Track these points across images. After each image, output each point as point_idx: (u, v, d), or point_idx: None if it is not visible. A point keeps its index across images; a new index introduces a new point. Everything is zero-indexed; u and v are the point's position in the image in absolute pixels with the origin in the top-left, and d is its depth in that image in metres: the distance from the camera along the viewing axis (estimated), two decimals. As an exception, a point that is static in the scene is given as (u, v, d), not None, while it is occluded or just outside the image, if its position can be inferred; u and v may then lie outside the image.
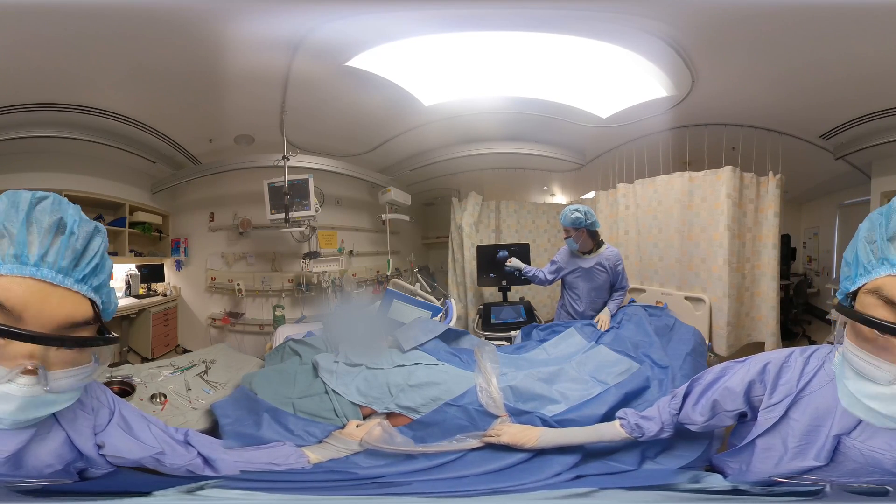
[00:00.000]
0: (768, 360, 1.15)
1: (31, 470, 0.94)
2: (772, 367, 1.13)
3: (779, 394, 1.10)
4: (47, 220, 0.83)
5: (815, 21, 1.86)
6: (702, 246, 2.71)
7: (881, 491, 0.96)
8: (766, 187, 2.69)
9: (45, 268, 0.80)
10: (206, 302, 3.06)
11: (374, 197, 3.21)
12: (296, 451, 1.37)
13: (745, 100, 2.52)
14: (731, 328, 2.61)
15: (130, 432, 1.08)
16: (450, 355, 1.97)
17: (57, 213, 0.84)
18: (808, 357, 1.10)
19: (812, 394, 1.06)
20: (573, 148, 3.21)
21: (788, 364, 1.12)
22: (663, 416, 1.32)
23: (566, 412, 1.61)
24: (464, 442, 1.46)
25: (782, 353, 1.14)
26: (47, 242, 0.81)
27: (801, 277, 3.33)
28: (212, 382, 2.09)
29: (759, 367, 1.15)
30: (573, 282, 2.64)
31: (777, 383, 1.11)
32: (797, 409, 1.07)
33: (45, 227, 0.82)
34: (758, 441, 1.13)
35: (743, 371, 1.18)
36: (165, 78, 2.24)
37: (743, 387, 1.16)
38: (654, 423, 1.32)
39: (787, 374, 1.10)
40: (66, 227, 0.84)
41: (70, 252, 0.84)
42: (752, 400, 1.16)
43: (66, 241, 0.83)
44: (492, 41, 2.24)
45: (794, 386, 1.08)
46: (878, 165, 2.63)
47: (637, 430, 1.34)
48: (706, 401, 1.23)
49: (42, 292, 0.79)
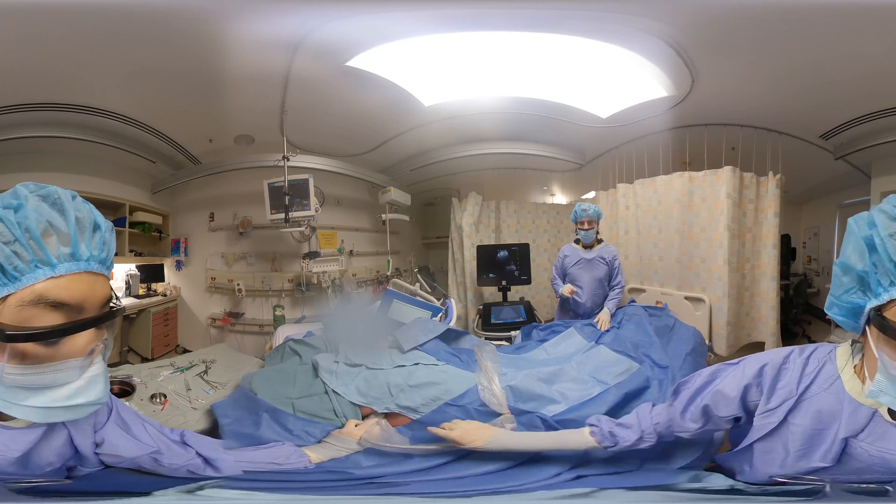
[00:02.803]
0: (765, 361, 1.09)
1: (35, 469, 0.95)
2: (769, 370, 1.07)
3: (777, 398, 1.05)
4: (88, 218, 0.89)
5: (815, 21, 1.86)
6: (702, 246, 2.71)
7: (881, 491, 0.96)
8: (766, 187, 2.69)
9: (93, 262, 0.87)
10: (206, 302, 3.06)
11: (374, 197, 3.21)
12: (296, 450, 1.37)
13: (744, 100, 2.52)
14: (731, 328, 2.61)
15: (128, 431, 1.08)
16: (450, 355, 1.97)
17: (89, 211, 0.91)
18: (807, 358, 1.05)
19: (813, 397, 1.01)
20: (573, 148, 3.21)
21: (787, 366, 1.06)
22: (643, 423, 1.23)
23: (566, 412, 1.62)
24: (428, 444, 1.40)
25: (779, 355, 1.09)
26: (88, 238, 0.88)
27: (801, 277, 3.33)
28: (212, 382, 2.09)
29: (754, 369, 1.09)
30: (576, 273, 2.71)
31: (775, 387, 1.06)
32: (798, 414, 1.03)
33: (89, 225, 0.89)
34: (756, 445, 1.09)
35: (737, 374, 1.12)
36: (165, 78, 2.24)
37: (738, 391, 1.10)
38: (632, 431, 1.23)
39: (786, 377, 1.05)
40: (99, 224, 0.92)
41: (105, 245, 0.92)
42: (747, 404, 1.11)
43: (102, 236, 0.91)
44: (492, 41, 2.24)
45: (795, 389, 1.03)
46: (878, 165, 2.63)
47: (609, 439, 1.24)
48: (696, 407, 1.17)
49: (92, 283, 0.87)
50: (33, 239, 0.82)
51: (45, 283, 0.82)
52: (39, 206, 0.84)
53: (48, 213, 0.84)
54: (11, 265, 0.81)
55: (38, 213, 0.83)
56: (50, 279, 0.82)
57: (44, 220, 0.84)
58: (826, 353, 1.05)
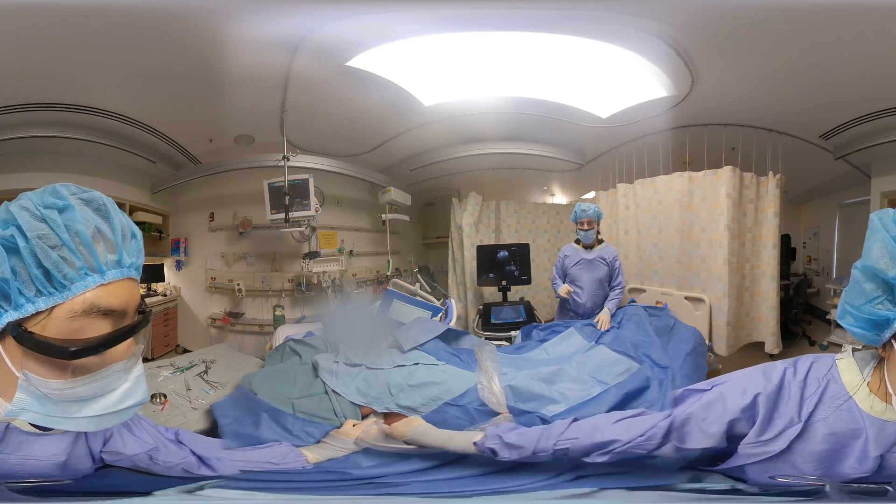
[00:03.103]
0: (756, 391, 0.98)
1: (73, 472, 0.98)
2: (763, 401, 0.97)
3: (775, 427, 0.97)
4: (128, 226, 0.89)
5: (814, 21, 1.86)
6: (702, 246, 2.71)
7: (881, 491, 0.95)
8: (766, 187, 2.69)
9: (132, 269, 0.87)
10: (206, 302, 3.06)
11: (374, 197, 3.21)
12: (293, 450, 1.37)
13: (744, 100, 2.52)
14: (731, 328, 2.61)
15: (129, 429, 1.09)
16: (450, 355, 1.97)
17: (126, 218, 0.91)
18: (803, 381, 0.96)
19: (821, 421, 0.93)
20: (573, 148, 3.21)
21: (783, 394, 0.96)
22: (542, 443, 1.17)
23: (566, 412, 1.62)
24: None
25: (771, 381, 0.98)
26: (129, 245, 0.87)
27: (801, 277, 3.33)
28: (212, 382, 2.09)
29: (743, 402, 0.99)
30: (577, 274, 2.70)
31: (772, 417, 0.97)
32: (805, 440, 0.95)
33: (128, 232, 0.89)
34: (748, 467, 1.03)
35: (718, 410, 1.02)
36: (165, 78, 2.24)
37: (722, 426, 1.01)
38: (523, 451, 1.18)
39: (784, 406, 0.96)
40: (135, 232, 0.91)
41: (141, 252, 0.91)
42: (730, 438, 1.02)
43: (138, 243, 0.90)
44: (492, 41, 2.24)
45: (797, 417, 0.94)
46: (878, 165, 2.63)
47: (490, 452, 1.21)
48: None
49: (132, 288, 0.86)
50: (84, 244, 0.79)
51: (94, 291, 0.79)
52: (84, 211, 0.82)
53: (93, 219, 0.82)
54: (60, 273, 0.76)
55: (86, 218, 0.81)
56: (100, 286, 0.79)
57: (92, 225, 0.81)
58: (825, 370, 0.97)
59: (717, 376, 1.14)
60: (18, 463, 0.91)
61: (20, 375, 0.75)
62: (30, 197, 0.80)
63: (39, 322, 0.76)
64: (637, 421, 1.17)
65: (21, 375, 0.75)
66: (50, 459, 0.94)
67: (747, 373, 1.06)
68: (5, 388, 0.77)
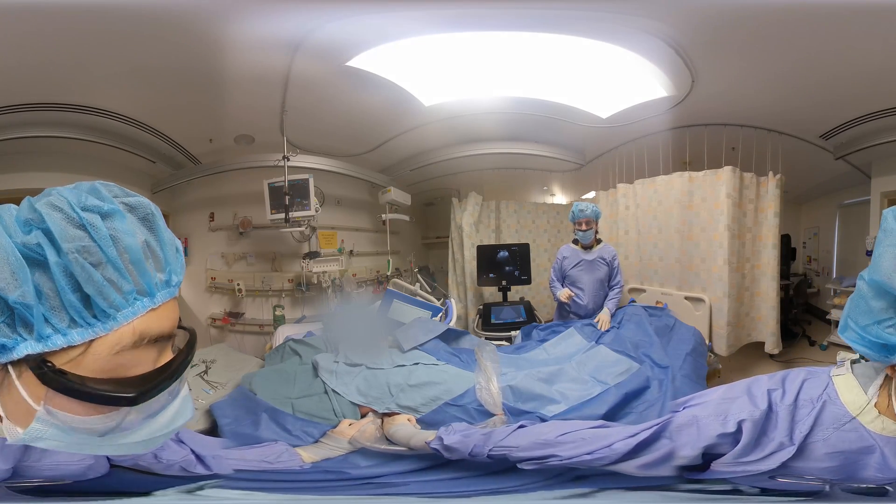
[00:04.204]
0: (740, 417, 0.92)
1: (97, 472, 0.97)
2: (750, 427, 0.91)
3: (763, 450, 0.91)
4: (172, 240, 0.72)
5: (814, 21, 1.86)
6: (702, 246, 2.71)
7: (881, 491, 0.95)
8: (766, 187, 2.69)
9: (177, 287, 0.72)
10: (206, 302, 3.06)
11: (374, 197, 3.21)
12: (288, 449, 1.37)
13: (744, 100, 2.52)
14: (731, 328, 2.61)
15: None
16: (450, 355, 1.97)
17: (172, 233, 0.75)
18: (792, 404, 0.90)
19: (821, 441, 0.88)
20: (573, 148, 3.21)
21: (771, 419, 0.90)
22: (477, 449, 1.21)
23: (566, 412, 1.62)
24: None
25: (758, 408, 0.92)
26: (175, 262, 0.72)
27: (801, 277, 3.33)
28: (212, 382, 2.09)
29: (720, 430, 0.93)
30: (577, 275, 2.69)
31: (759, 441, 0.91)
32: (801, 459, 0.90)
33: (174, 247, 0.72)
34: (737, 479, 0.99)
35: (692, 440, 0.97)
36: (165, 77, 2.24)
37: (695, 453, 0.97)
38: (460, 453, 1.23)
39: (772, 432, 0.90)
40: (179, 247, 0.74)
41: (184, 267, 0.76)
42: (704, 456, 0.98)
43: (181, 258, 0.74)
44: (492, 41, 2.24)
45: (788, 441, 0.89)
46: (878, 165, 2.63)
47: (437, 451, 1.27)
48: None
49: (176, 306, 0.71)
50: (134, 262, 0.62)
51: (143, 318, 0.64)
52: (130, 220, 0.64)
53: (140, 230, 0.65)
54: (106, 301, 0.60)
55: (135, 229, 0.64)
56: (150, 312, 0.64)
57: (142, 238, 0.64)
58: (820, 390, 0.90)
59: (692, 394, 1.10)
60: (49, 468, 0.87)
61: (39, 409, 0.59)
62: (63, 194, 0.60)
63: (73, 358, 0.59)
64: (595, 434, 1.16)
65: (42, 410, 0.59)
66: (80, 464, 0.90)
67: (726, 396, 0.99)
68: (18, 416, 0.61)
